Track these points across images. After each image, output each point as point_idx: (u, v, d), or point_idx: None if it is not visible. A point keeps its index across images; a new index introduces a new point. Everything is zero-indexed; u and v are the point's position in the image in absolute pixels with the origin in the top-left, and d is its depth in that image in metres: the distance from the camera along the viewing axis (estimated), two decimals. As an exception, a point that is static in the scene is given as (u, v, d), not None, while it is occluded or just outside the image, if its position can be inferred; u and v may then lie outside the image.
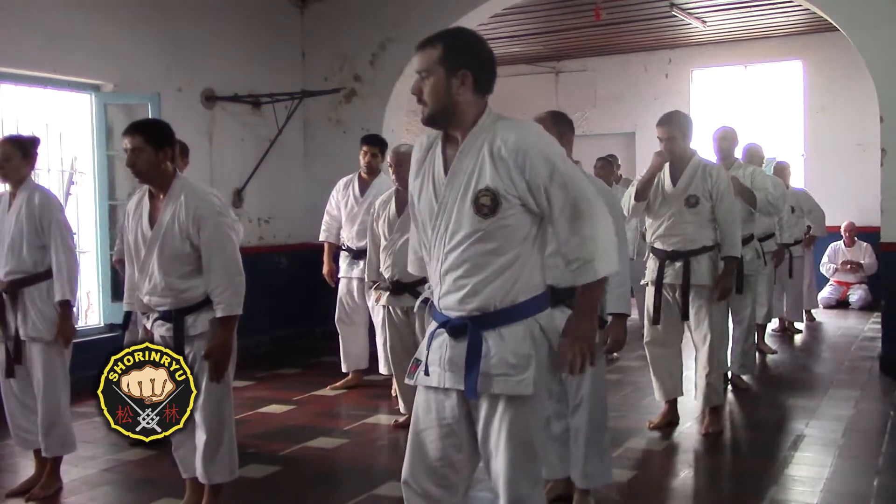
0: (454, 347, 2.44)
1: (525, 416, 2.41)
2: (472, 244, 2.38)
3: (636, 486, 4.30)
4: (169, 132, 3.66)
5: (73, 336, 4.19)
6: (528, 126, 2.46)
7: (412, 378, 2.56)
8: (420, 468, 2.52)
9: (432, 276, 2.50)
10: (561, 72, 12.92)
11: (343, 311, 6.38)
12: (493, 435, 2.43)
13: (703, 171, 4.95)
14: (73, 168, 7.07)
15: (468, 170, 2.39)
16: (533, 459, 2.45)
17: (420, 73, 2.42)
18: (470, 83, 2.40)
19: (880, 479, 4.33)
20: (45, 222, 4.08)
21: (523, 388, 2.38)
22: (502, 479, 2.42)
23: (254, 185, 8.12)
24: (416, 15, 8.18)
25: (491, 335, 2.40)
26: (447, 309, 2.46)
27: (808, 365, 7.53)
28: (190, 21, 7.58)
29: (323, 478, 4.51)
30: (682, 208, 4.97)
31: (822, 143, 11.21)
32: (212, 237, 3.56)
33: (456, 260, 2.41)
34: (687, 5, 9.71)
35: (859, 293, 10.66)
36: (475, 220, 2.37)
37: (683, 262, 4.98)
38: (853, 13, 7.01)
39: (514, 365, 2.38)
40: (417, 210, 2.54)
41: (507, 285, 2.39)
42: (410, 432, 2.57)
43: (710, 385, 5.09)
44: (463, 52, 2.41)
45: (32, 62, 6.31)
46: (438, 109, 2.42)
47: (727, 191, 4.95)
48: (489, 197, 2.35)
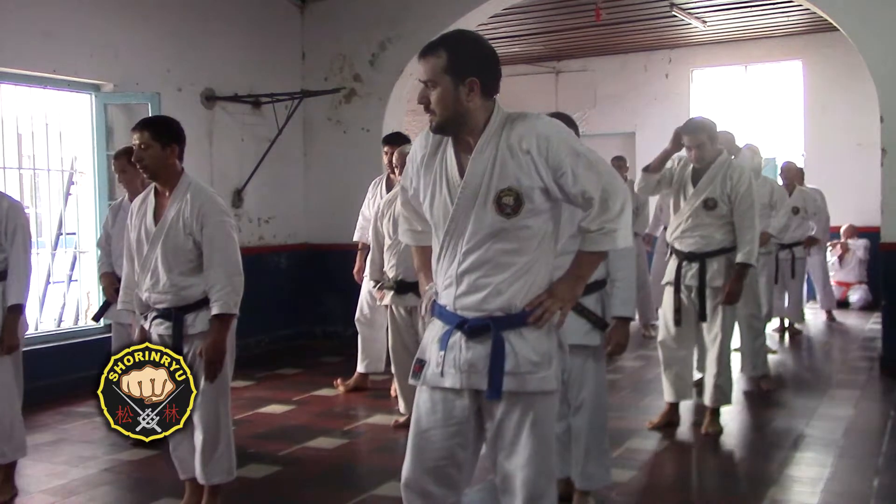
0: (472, 348, 2.43)
1: (546, 412, 2.45)
2: (494, 244, 2.39)
3: (636, 486, 4.30)
4: (177, 129, 3.68)
5: (17, 344, 4.11)
6: (541, 117, 2.47)
7: (416, 379, 2.54)
8: (421, 469, 2.51)
9: (444, 277, 2.49)
10: (561, 72, 12.92)
11: (362, 310, 6.34)
12: (509, 433, 2.44)
13: (724, 173, 4.94)
14: (73, 168, 7.06)
15: (486, 171, 2.39)
16: (550, 455, 2.48)
17: (425, 83, 2.41)
18: (478, 89, 2.39)
19: (880, 479, 4.33)
20: (10, 227, 4.08)
21: (547, 385, 2.43)
22: (521, 476, 2.43)
23: (254, 185, 8.12)
24: (416, 15, 8.18)
25: (512, 334, 2.41)
26: (464, 309, 2.44)
27: (808, 365, 7.53)
28: (190, 21, 7.58)
29: (323, 478, 4.51)
30: (700, 210, 4.97)
31: (822, 143, 11.21)
32: (214, 235, 3.58)
33: (476, 260, 2.41)
34: (687, 5, 9.71)
35: (859, 293, 10.66)
36: (497, 220, 2.38)
37: (700, 264, 4.97)
38: (853, 13, 7.01)
39: (537, 363, 2.42)
40: (430, 213, 2.52)
41: (527, 285, 2.42)
42: (412, 433, 2.55)
43: (719, 387, 5.08)
44: (468, 60, 2.39)
45: (32, 62, 6.31)
46: (448, 118, 2.41)
47: (747, 194, 4.90)
48: (512, 196, 2.36)
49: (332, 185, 8.59)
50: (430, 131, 2.48)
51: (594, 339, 3.67)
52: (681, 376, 5.23)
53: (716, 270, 4.97)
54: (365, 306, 6.32)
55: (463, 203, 2.41)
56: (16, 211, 4.15)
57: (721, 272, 4.96)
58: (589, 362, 3.71)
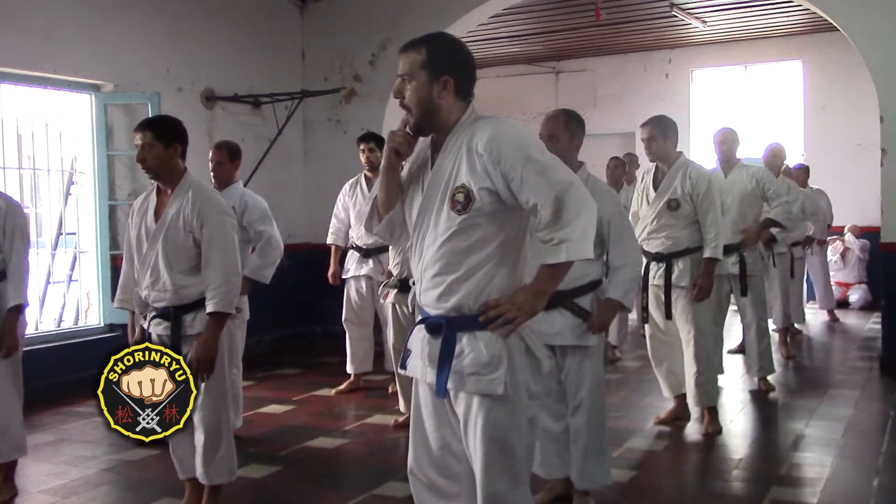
0: (431, 344, 2.49)
1: (498, 415, 2.42)
2: (447, 241, 2.42)
3: (636, 486, 4.30)
4: (179, 128, 3.69)
5: (16, 345, 4.10)
6: (506, 121, 2.49)
7: (403, 368, 2.65)
8: (424, 457, 2.58)
9: (415, 272, 2.56)
10: (561, 72, 12.92)
11: (351, 310, 6.35)
12: (470, 433, 2.46)
13: (684, 173, 5.00)
14: (73, 168, 7.06)
15: (448, 169, 2.44)
16: (511, 459, 2.45)
17: (402, 76, 2.47)
18: (451, 88, 2.44)
19: (880, 479, 4.32)
20: (9, 228, 4.08)
21: (494, 387, 2.40)
22: (479, 477, 2.45)
23: (254, 185, 8.08)
24: (416, 15, 8.17)
25: (465, 334, 2.44)
26: (426, 306, 2.52)
27: (808, 365, 7.53)
28: (190, 21, 7.58)
29: (323, 478, 4.50)
30: (664, 211, 5.02)
31: (822, 143, 11.21)
32: (214, 233, 3.59)
33: (433, 257, 2.46)
34: (687, 5, 9.71)
35: (859, 293, 10.66)
36: (451, 217, 2.41)
37: (666, 264, 5.04)
38: (853, 13, 7.01)
39: (485, 364, 2.41)
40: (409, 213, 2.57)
41: (479, 287, 2.41)
42: (412, 421, 2.64)
43: (700, 386, 5.11)
44: (446, 59, 2.46)
45: (32, 62, 6.31)
46: (422, 115, 2.46)
47: (707, 193, 4.96)
48: (463, 194, 2.39)
49: (332, 185, 8.52)
50: (411, 132, 2.52)
51: (590, 339, 3.68)
52: (672, 371, 5.29)
53: (682, 270, 5.03)
54: (353, 307, 6.33)
55: (428, 199, 2.47)
56: (14, 211, 4.15)
57: (686, 272, 5.02)
58: (586, 362, 3.71)
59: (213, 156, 5.27)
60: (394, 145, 2.52)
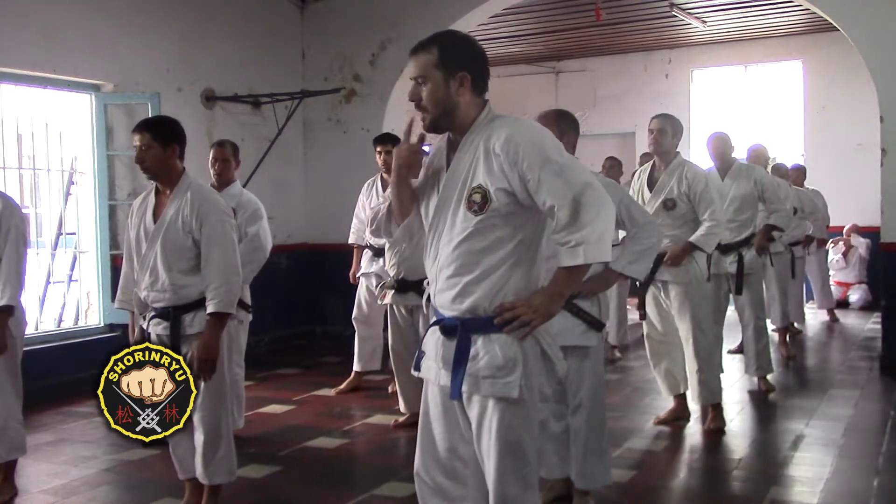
0: (446, 346, 2.46)
1: (513, 418, 2.41)
2: (463, 242, 2.40)
3: (636, 486, 4.30)
4: (177, 129, 3.69)
5: (5, 345, 4.04)
6: (523, 121, 2.47)
7: (417, 370, 2.60)
8: (430, 459, 2.56)
9: (429, 273, 2.53)
10: (561, 72, 12.92)
11: (360, 307, 6.36)
12: (484, 436, 2.43)
13: (680, 173, 5.00)
14: (73, 168, 7.06)
15: (464, 169, 2.41)
16: (523, 462, 2.44)
17: (417, 79, 2.43)
18: (469, 84, 2.42)
19: (880, 479, 4.33)
20: (5, 227, 4.05)
21: (509, 391, 2.38)
22: (491, 480, 2.44)
23: (254, 185, 8.09)
24: (416, 15, 8.18)
25: (480, 336, 2.41)
26: (441, 307, 2.49)
27: (808, 365, 7.52)
28: (190, 21, 7.58)
29: (323, 478, 4.50)
30: (660, 211, 5.02)
31: (822, 143, 11.21)
32: (213, 233, 3.58)
33: (449, 258, 2.43)
34: (687, 5, 9.71)
35: (859, 293, 10.66)
36: (467, 218, 2.39)
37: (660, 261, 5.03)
38: (853, 13, 7.01)
39: (500, 367, 2.39)
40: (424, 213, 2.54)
41: (494, 289, 2.39)
42: (420, 423, 2.61)
43: (703, 383, 5.12)
44: (459, 55, 2.43)
45: (32, 62, 6.30)
46: (440, 114, 2.43)
47: (706, 191, 4.95)
48: (480, 194, 2.37)
49: (332, 185, 8.59)
50: (424, 129, 2.49)
51: (590, 339, 3.69)
52: (670, 371, 5.29)
53: (679, 269, 5.00)
54: (363, 304, 6.33)
55: (444, 200, 2.44)
56: (11, 210, 4.11)
57: (684, 270, 5.01)
58: (586, 362, 3.71)
59: (218, 153, 5.23)
60: (401, 162, 2.50)
